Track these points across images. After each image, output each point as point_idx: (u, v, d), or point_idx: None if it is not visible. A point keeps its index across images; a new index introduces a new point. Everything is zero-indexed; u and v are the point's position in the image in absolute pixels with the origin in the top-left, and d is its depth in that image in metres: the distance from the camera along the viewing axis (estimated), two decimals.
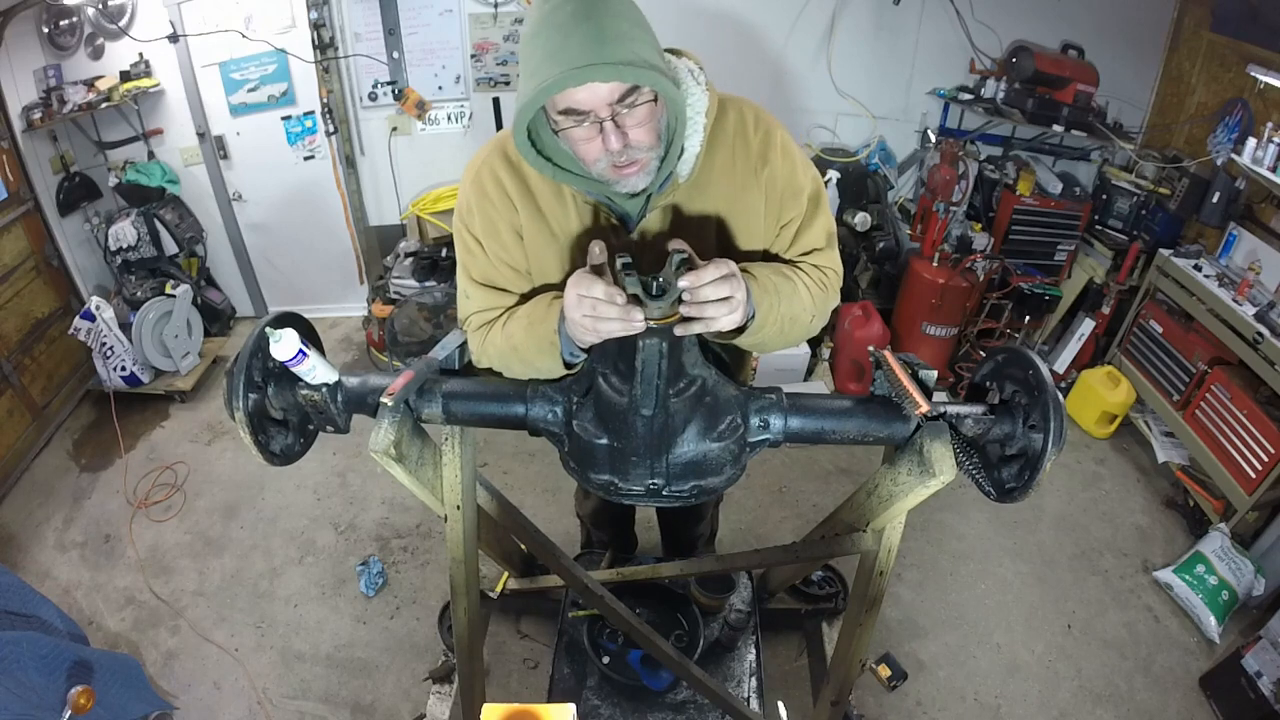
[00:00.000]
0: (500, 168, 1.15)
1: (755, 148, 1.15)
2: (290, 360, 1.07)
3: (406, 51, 3.45)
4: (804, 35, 3.48)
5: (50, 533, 2.77)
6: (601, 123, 0.95)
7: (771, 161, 1.15)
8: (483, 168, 1.17)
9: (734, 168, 1.15)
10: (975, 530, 2.86)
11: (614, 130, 0.95)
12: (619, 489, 1.12)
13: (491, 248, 1.19)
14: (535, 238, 1.17)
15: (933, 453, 1.07)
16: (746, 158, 1.15)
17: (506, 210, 1.16)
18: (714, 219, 1.17)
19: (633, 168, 1.01)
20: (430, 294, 3.48)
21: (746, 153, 1.15)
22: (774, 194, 1.18)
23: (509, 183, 1.15)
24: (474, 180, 1.18)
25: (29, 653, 1.43)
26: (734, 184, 1.16)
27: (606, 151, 0.98)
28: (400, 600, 2.52)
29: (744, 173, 1.16)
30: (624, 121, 0.96)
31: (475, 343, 1.24)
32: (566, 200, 1.14)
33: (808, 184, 1.20)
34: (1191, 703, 2.30)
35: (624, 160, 0.99)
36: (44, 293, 3.22)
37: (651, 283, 1.01)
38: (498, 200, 1.16)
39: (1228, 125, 3.06)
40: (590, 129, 0.96)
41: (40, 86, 3.13)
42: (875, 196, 3.60)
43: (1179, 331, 3.08)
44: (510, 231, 1.17)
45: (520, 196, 1.15)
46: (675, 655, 1.69)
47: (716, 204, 1.16)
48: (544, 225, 1.16)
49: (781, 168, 1.17)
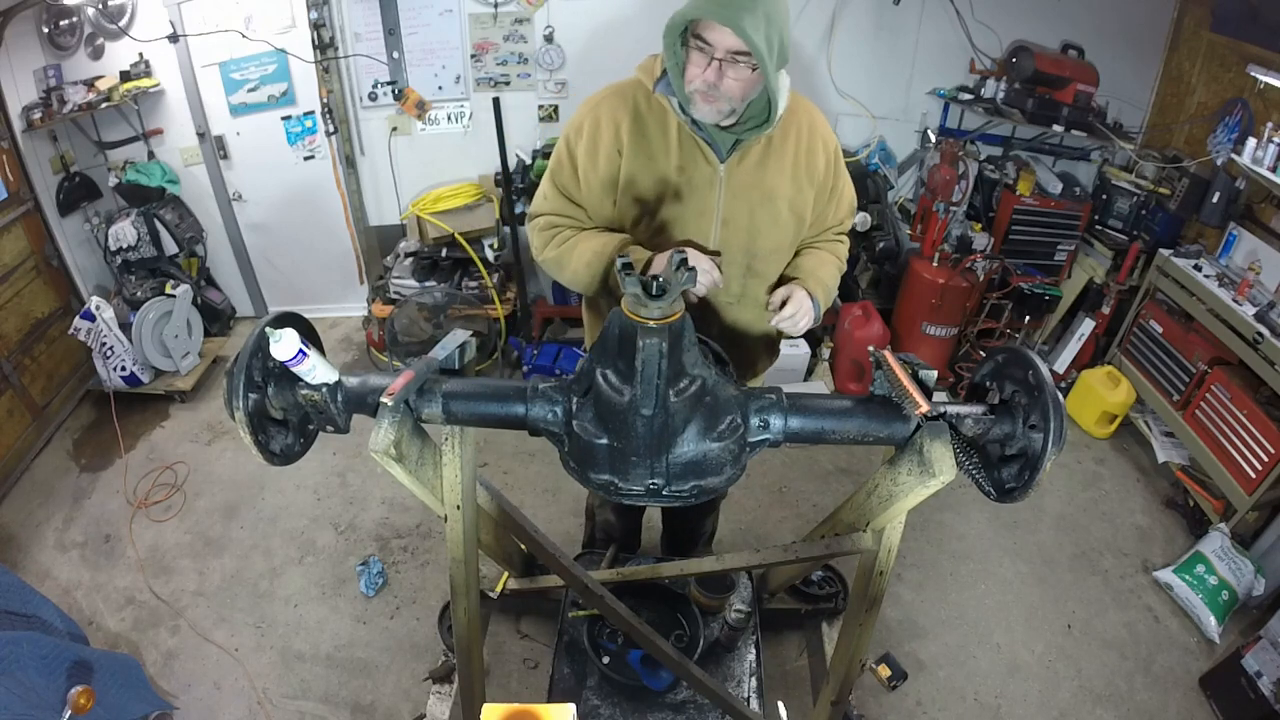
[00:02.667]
0: (619, 105, 1.47)
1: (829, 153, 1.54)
2: (290, 360, 1.07)
3: (406, 51, 3.45)
4: (804, 35, 3.48)
5: (50, 533, 2.77)
6: (714, 59, 1.29)
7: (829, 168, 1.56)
8: (603, 102, 1.48)
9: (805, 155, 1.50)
10: (975, 530, 2.86)
11: (717, 68, 1.30)
12: (619, 489, 1.12)
13: (584, 165, 1.49)
14: (634, 158, 1.46)
15: (933, 453, 1.07)
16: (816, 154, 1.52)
17: (612, 137, 1.46)
18: (788, 183, 1.50)
19: (711, 103, 1.34)
20: (430, 294, 3.48)
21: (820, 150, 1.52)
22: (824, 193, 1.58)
23: (622, 116, 1.46)
24: (593, 109, 1.49)
25: (29, 653, 1.43)
26: (805, 168, 1.51)
27: (704, 79, 1.31)
28: (400, 600, 2.52)
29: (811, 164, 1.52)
30: (727, 69, 1.30)
31: (537, 240, 1.58)
32: (671, 134, 1.45)
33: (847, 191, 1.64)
34: (1191, 703, 2.30)
35: (710, 94, 1.32)
36: (44, 293, 3.22)
37: (651, 283, 1.01)
38: (607, 128, 1.46)
39: (1228, 125, 3.06)
40: (705, 57, 1.30)
41: (40, 86, 3.13)
42: (875, 196, 3.60)
43: (1179, 331, 3.08)
44: (611, 150, 1.46)
45: (630, 126, 1.45)
46: (675, 655, 1.69)
47: (793, 174, 1.50)
48: (645, 148, 1.45)
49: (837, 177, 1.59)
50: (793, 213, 1.54)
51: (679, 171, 1.46)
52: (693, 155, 1.45)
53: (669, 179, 1.46)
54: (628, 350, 1.01)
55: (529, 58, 3.50)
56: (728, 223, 1.51)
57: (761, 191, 1.49)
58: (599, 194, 1.51)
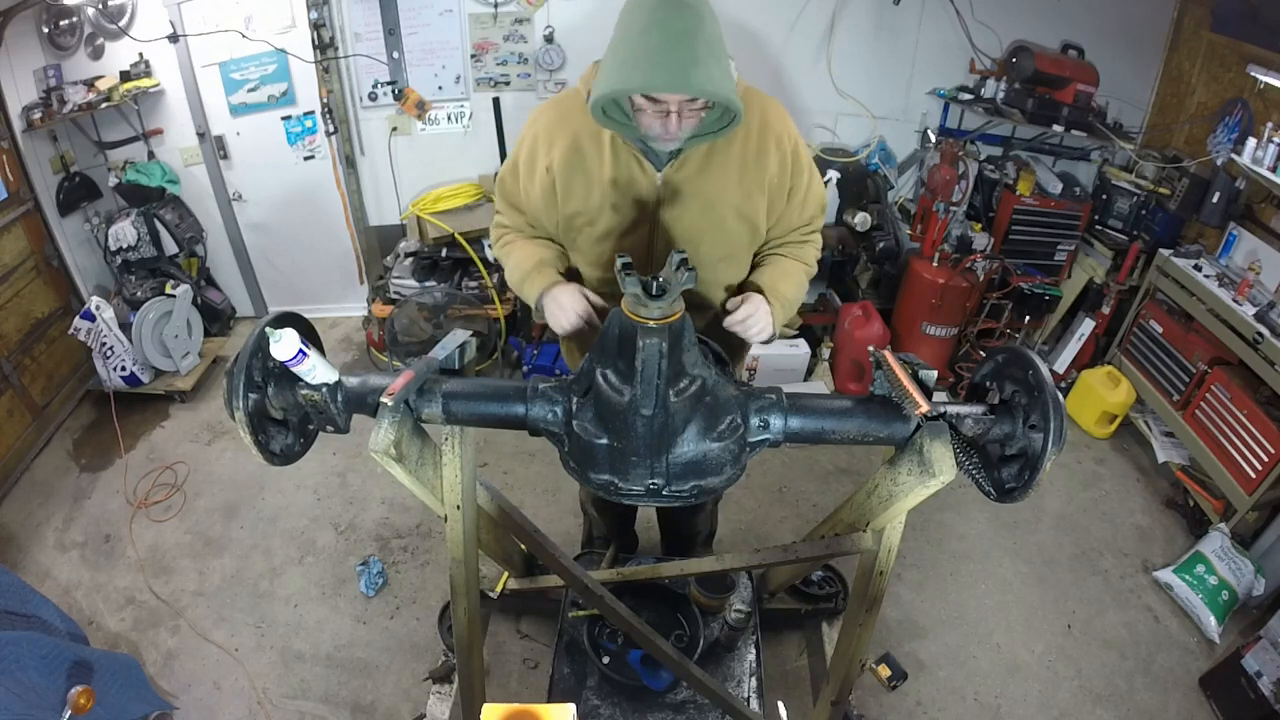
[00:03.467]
0: (555, 120, 1.49)
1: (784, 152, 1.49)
2: (290, 360, 1.07)
3: (406, 51, 3.45)
4: (804, 35, 3.48)
5: (50, 533, 2.77)
6: (669, 112, 1.30)
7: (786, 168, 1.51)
8: (542, 116, 1.53)
9: (755, 155, 1.47)
10: (975, 530, 2.86)
11: (677, 118, 1.31)
12: (619, 489, 1.12)
13: (524, 177, 1.55)
14: (569, 173, 1.48)
15: (933, 453, 1.07)
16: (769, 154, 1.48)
17: (545, 152, 1.49)
18: (733, 187, 1.48)
19: (670, 141, 1.37)
20: (430, 294, 3.48)
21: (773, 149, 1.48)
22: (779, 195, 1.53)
23: (557, 131, 1.48)
24: (532, 123, 1.54)
25: (29, 653, 1.43)
26: (753, 168, 1.48)
27: (663, 129, 1.33)
28: (400, 600, 2.52)
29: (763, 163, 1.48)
30: (685, 109, 1.31)
31: (493, 237, 1.69)
32: (605, 146, 1.45)
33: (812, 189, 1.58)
34: (1191, 703, 2.30)
35: (668, 135, 1.35)
36: (44, 293, 3.22)
37: (651, 283, 1.01)
38: (542, 144, 1.49)
39: (1228, 125, 3.05)
40: (659, 112, 1.31)
41: (40, 86, 3.13)
42: (875, 196, 3.60)
43: (1179, 331, 3.08)
44: (544, 165, 1.50)
45: (565, 141, 1.47)
46: (675, 655, 1.69)
47: (739, 177, 1.48)
48: (580, 162, 1.47)
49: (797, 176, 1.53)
50: (741, 219, 1.51)
51: (614, 184, 1.46)
52: (628, 165, 1.45)
53: (604, 190, 1.47)
54: (628, 350, 1.01)
55: (529, 58, 3.50)
56: (667, 231, 1.50)
57: (703, 200, 1.47)
58: (539, 204, 1.55)
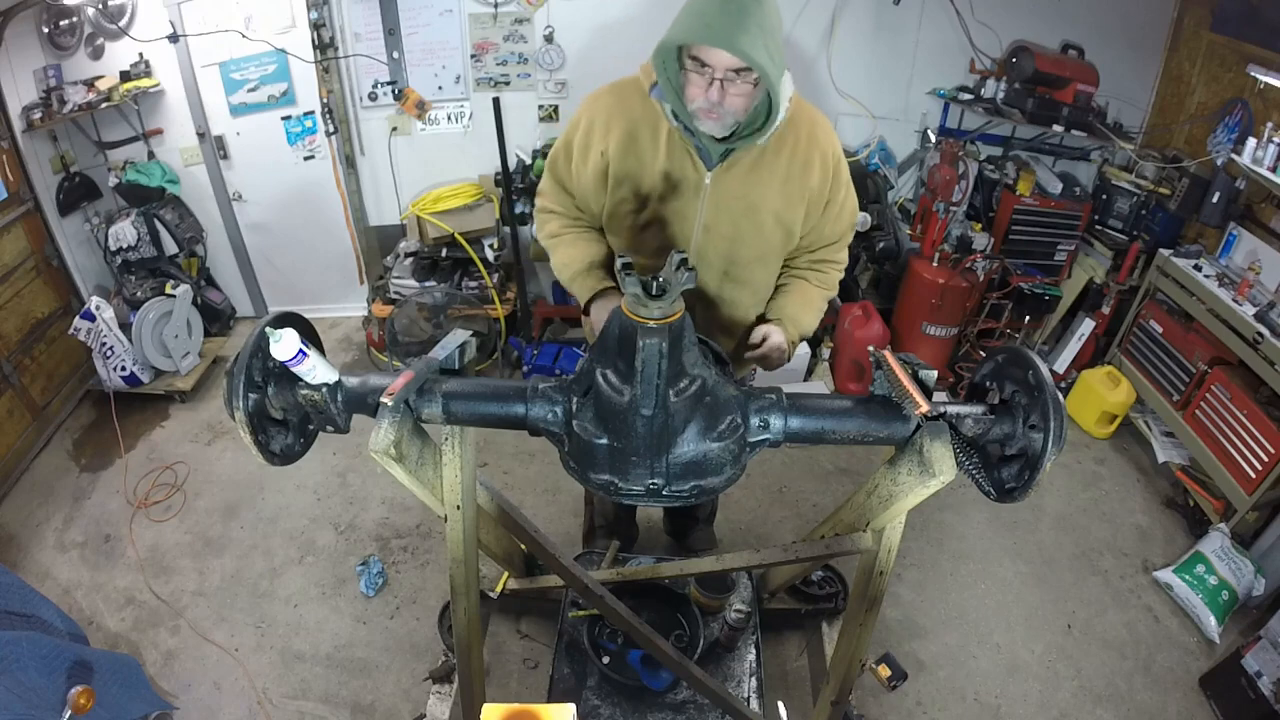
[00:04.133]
0: (613, 105, 1.51)
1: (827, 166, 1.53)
2: (290, 360, 1.07)
3: (406, 51, 3.45)
4: (804, 35, 3.48)
5: (50, 533, 2.77)
6: (715, 79, 1.30)
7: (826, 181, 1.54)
8: (600, 99, 1.53)
9: (800, 166, 1.50)
10: (975, 530, 2.86)
11: (719, 88, 1.31)
12: (619, 489, 1.12)
13: (577, 159, 1.56)
14: (623, 158, 1.50)
15: (933, 453, 1.07)
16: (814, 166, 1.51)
17: (602, 136, 1.51)
18: (776, 194, 1.51)
19: (716, 119, 1.36)
20: (430, 294, 3.48)
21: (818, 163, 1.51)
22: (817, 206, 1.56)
23: (615, 116, 1.50)
24: (590, 105, 1.55)
25: (29, 653, 1.43)
26: (797, 178, 1.51)
27: (706, 99, 1.32)
28: (400, 600, 2.52)
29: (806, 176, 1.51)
30: (729, 86, 1.31)
31: (537, 220, 1.73)
32: (661, 137, 1.47)
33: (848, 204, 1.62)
34: (1191, 703, 2.30)
35: (713, 111, 1.34)
36: (44, 293, 3.22)
37: (651, 283, 1.01)
38: (599, 127, 1.51)
39: (1228, 125, 3.05)
40: (705, 78, 1.31)
41: (40, 86, 3.13)
42: (875, 196, 3.60)
43: (1179, 331, 3.08)
44: (600, 148, 1.51)
45: (622, 126, 1.49)
46: (675, 655, 1.69)
47: (783, 185, 1.51)
48: (635, 149, 1.49)
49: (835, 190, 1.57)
50: (779, 225, 1.55)
51: (665, 175, 1.49)
52: (681, 160, 1.48)
53: (655, 181, 1.50)
54: (628, 350, 1.01)
55: (529, 58, 3.50)
56: (709, 229, 1.53)
57: (746, 203, 1.50)
58: (590, 187, 1.57)
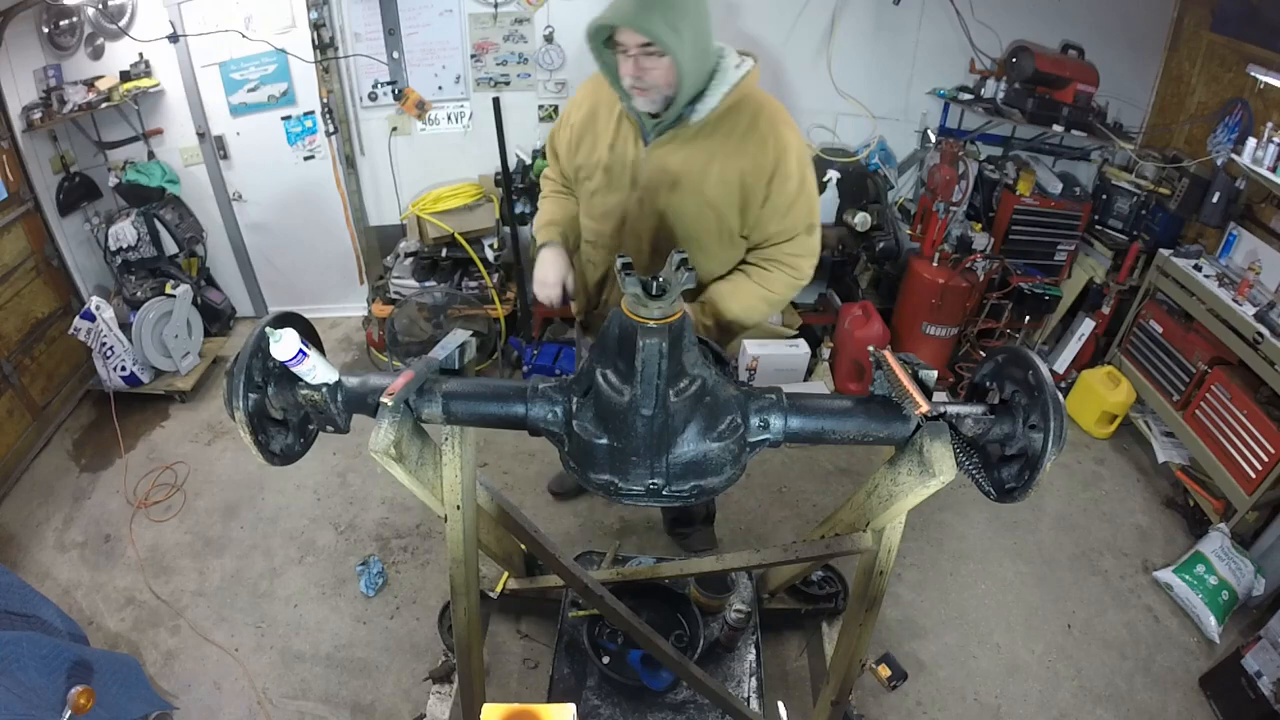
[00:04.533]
0: (591, 88, 1.75)
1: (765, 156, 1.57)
2: (290, 360, 1.07)
3: (406, 51, 3.45)
4: (804, 35, 3.48)
5: (50, 533, 2.77)
6: (631, 55, 1.47)
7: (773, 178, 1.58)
8: (587, 83, 1.78)
9: (734, 151, 1.57)
10: (975, 530, 2.86)
11: (634, 63, 1.48)
12: (619, 489, 1.12)
13: (561, 125, 1.84)
14: (584, 133, 1.74)
15: (933, 453, 1.07)
16: (749, 154, 1.57)
17: (575, 110, 1.77)
18: (700, 172, 1.59)
19: (644, 94, 1.52)
20: (430, 294, 3.48)
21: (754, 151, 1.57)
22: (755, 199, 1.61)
23: (587, 97, 1.75)
24: (581, 86, 1.80)
25: (29, 653, 1.43)
26: (727, 161, 1.58)
27: (629, 76, 1.50)
28: (400, 600, 2.52)
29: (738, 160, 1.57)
30: (643, 62, 1.47)
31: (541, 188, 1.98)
32: (614, 115, 1.67)
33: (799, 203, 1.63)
34: (1191, 703, 2.30)
35: (638, 85, 1.50)
36: (44, 293, 3.22)
37: (651, 283, 1.01)
38: (577, 105, 1.78)
39: (1228, 125, 3.06)
40: (626, 57, 1.49)
41: (40, 86, 3.13)
42: (875, 196, 3.60)
43: (1179, 331, 3.08)
44: (569, 125, 1.79)
45: (590, 106, 1.73)
46: (675, 655, 1.69)
47: (707, 165, 1.58)
48: (594, 125, 1.72)
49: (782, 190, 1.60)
50: (708, 206, 1.62)
51: (610, 149, 1.67)
52: (625, 136, 1.65)
53: (603, 153, 1.69)
54: (628, 350, 1.01)
55: (529, 58, 3.50)
56: (641, 202, 1.67)
57: (673, 178, 1.61)
58: (564, 152, 1.84)
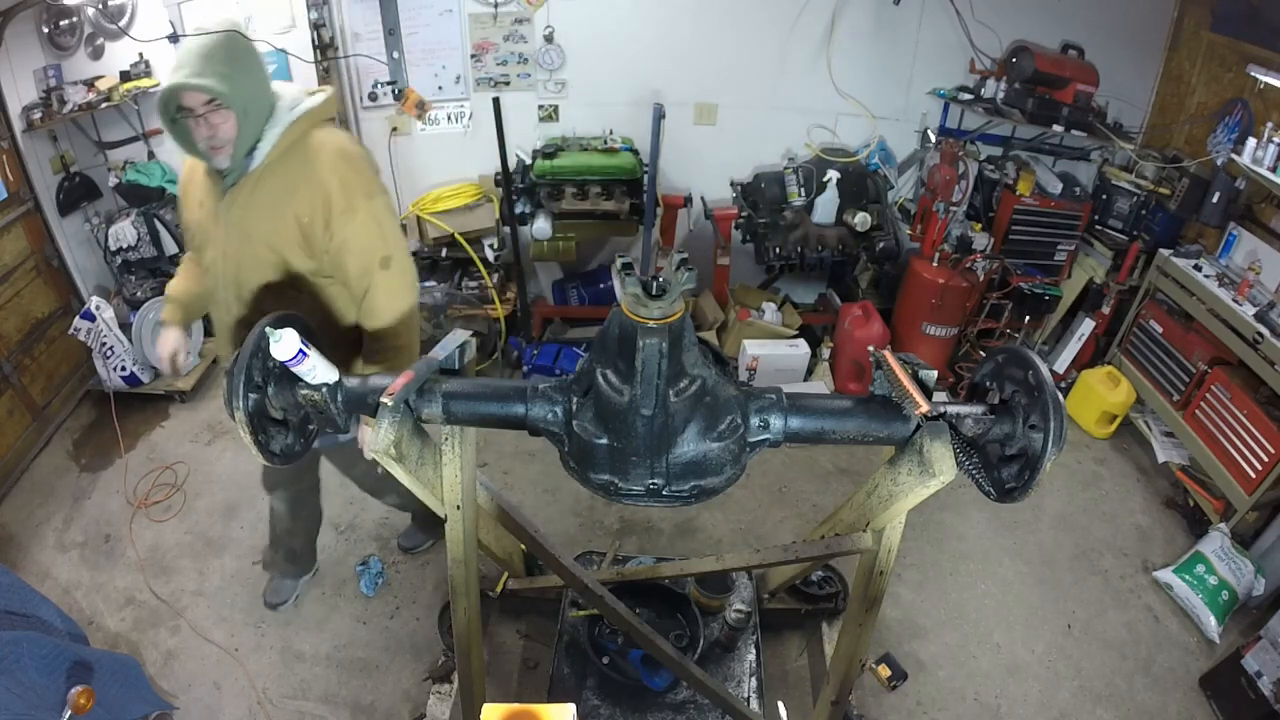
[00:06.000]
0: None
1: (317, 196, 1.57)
2: (290, 360, 1.07)
3: (406, 51, 3.45)
4: (804, 35, 3.48)
5: (50, 533, 2.77)
6: (199, 117, 1.47)
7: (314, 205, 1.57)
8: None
9: (288, 194, 1.57)
10: (975, 530, 2.86)
11: (204, 123, 1.48)
12: (619, 489, 1.12)
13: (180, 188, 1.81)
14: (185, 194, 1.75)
15: (933, 453, 1.07)
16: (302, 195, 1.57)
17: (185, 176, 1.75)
18: (262, 219, 1.59)
19: (219, 151, 1.52)
20: (430, 294, 3.48)
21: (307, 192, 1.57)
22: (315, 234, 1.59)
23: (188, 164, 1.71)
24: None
25: (29, 653, 1.43)
26: (283, 205, 1.57)
27: (202, 138, 1.51)
28: (400, 600, 2.52)
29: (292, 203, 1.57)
30: (211, 119, 1.48)
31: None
32: (206, 177, 1.64)
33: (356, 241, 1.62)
34: (1191, 703, 2.30)
35: (212, 144, 1.51)
36: (44, 293, 3.22)
37: (651, 283, 1.02)
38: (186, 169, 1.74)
39: (1228, 125, 3.06)
40: (196, 120, 1.48)
41: (40, 86, 3.13)
42: (875, 196, 3.60)
43: (1179, 331, 3.08)
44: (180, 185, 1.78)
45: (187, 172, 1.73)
46: (675, 655, 1.69)
47: (267, 211, 1.58)
48: (192, 187, 1.71)
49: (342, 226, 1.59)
50: (272, 250, 1.61)
51: (200, 207, 1.68)
52: (211, 195, 1.64)
53: (195, 213, 1.70)
54: (628, 350, 1.01)
55: (529, 58, 3.50)
56: (225, 255, 1.66)
57: (242, 230, 1.61)
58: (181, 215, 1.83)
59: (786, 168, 3.61)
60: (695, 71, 3.56)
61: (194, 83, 1.41)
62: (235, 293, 1.69)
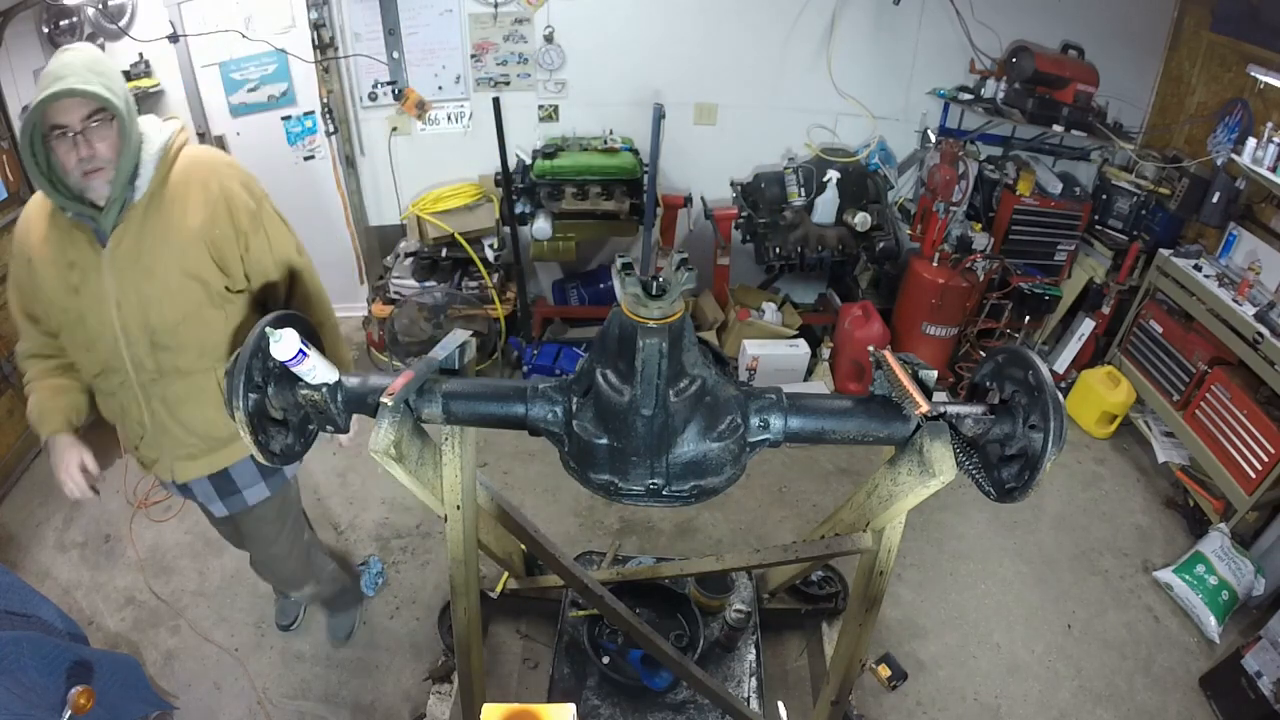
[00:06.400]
0: (26, 215, 1.47)
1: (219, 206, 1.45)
2: (290, 360, 1.07)
3: (406, 51, 3.45)
4: (804, 35, 3.48)
5: (50, 533, 2.77)
6: (75, 134, 1.29)
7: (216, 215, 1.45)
8: (14, 230, 1.48)
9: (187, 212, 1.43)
10: (975, 530, 2.86)
11: (82, 142, 1.30)
12: (619, 489, 1.12)
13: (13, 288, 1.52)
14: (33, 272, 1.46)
15: (933, 453, 1.07)
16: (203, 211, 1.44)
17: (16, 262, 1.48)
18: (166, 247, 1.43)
19: (97, 175, 1.33)
20: (430, 294, 3.48)
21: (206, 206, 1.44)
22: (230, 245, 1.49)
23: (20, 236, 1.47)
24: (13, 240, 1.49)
25: (29, 653, 1.43)
26: (185, 226, 1.43)
27: (78, 159, 1.30)
28: (400, 600, 2.52)
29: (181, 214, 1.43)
30: (90, 136, 1.30)
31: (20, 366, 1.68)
32: (60, 229, 1.41)
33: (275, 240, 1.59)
34: (1191, 703, 2.30)
35: (90, 165, 1.31)
36: None
37: (651, 283, 1.02)
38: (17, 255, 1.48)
39: (1228, 125, 3.06)
40: (68, 142, 1.29)
41: None
42: (875, 196, 3.60)
43: (1179, 331, 3.08)
44: (17, 282, 1.51)
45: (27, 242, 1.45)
46: (675, 655, 1.69)
47: (169, 238, 1.42)
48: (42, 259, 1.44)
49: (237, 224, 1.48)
50: (190, 278, 1.45)
51: (71, 268, 1.42)
52: (79, 246, 1.41)
53: (64, 279, 1.43)
54: (628, 350, 1.01)
55: (529, 58, 3.50)
56: (120, 305, 1.43)
57: (143, 267, 1.41)
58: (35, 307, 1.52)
59: (786, 168, 3.61)
60: (695, 71, 3.56)
61: (82, 88, 1.24)
62: (148, 341, 1.47)
